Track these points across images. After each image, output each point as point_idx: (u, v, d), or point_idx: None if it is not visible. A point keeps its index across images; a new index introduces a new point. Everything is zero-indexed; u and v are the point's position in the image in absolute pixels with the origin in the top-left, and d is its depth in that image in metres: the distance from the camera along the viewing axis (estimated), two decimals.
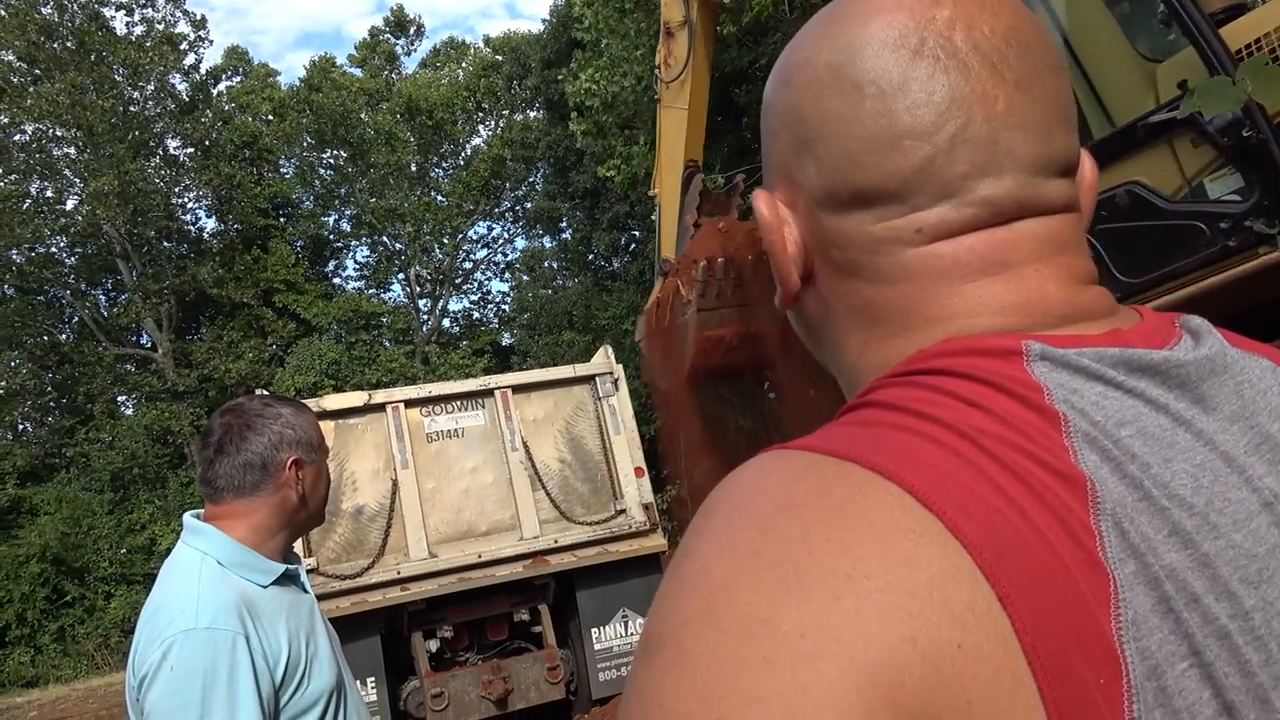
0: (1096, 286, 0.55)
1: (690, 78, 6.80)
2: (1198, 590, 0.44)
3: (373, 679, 5.72)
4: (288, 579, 1.77)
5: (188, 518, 1.77)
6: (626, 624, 6.33)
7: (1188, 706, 0.42)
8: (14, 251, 22.36)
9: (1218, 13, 4.03)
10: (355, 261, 30.11)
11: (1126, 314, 0.56)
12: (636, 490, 6.45)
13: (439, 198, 27.98)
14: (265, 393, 5.79)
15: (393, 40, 29.38)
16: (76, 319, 24.79)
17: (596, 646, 6.24)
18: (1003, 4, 0.54)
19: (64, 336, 24.62)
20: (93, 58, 21.85)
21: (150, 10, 23.95)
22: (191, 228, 26.03)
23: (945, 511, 0.43)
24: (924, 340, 0.53)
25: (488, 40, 29.50)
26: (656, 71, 7.11)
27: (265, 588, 1.70)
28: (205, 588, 1.60)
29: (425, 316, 28.25)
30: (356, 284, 29.24)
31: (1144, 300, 3.82)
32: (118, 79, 22.74)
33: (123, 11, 23.75)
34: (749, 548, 0.44)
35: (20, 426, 24.14)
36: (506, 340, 27.76)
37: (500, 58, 27.46)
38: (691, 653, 0.42)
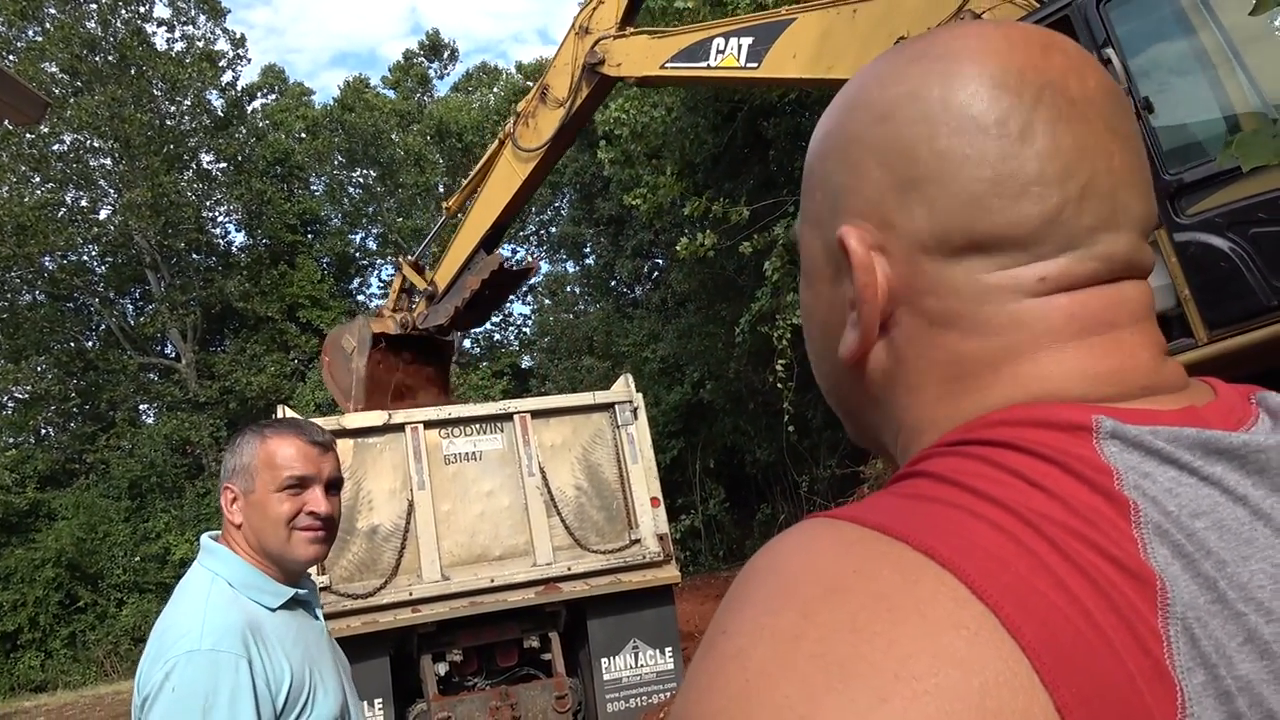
0: (1172, 359, 0.54)
1: (542, 156, 6.59)
2: (1274, 707, 0.40)
3: (380, 700, 5.70)
4: (297, 603, 1.77)
5: (204, 538, 1.78)
6: (637, 655, 6.27)
7: None
8: (47, 258, 22.73)
9: None
10: (380, 280, 30.32)
11: (1199, 389, 0.53)
12: (652, 520, 6.42)
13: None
14: (291, 414, 5.82)
15: (426, 63, 29.82)
16: (104, 327, 25.10)
17: (606, 677, 6.19)
18: (1093, 63, 0.54)
19: (90, 343, 24.94)
20: (133, 72, 22.30)
21: (191, 28, 24.48)
22: (221, 241, 26.38)
23: (1002, 607, 0.39)
24: (1006, 397, 0.50)
25: (519, 66, 29.87)
26: (510, 124, 6.84)
27: (274, 611, 1.71)
28: (212, 609, 1.60)
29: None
30: (380, 302, 29.43)
31: None
32: (156, 93, 23.18)
33: (164, 28, 24.27)
34: (790, 633, 0.41)
35: (43, 431, 24.41)
36: (526, 363, 27.82)
37: (531, 83, 27.76)
38: None
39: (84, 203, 23.59)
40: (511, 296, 6.95)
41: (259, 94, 28.34)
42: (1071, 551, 0.42)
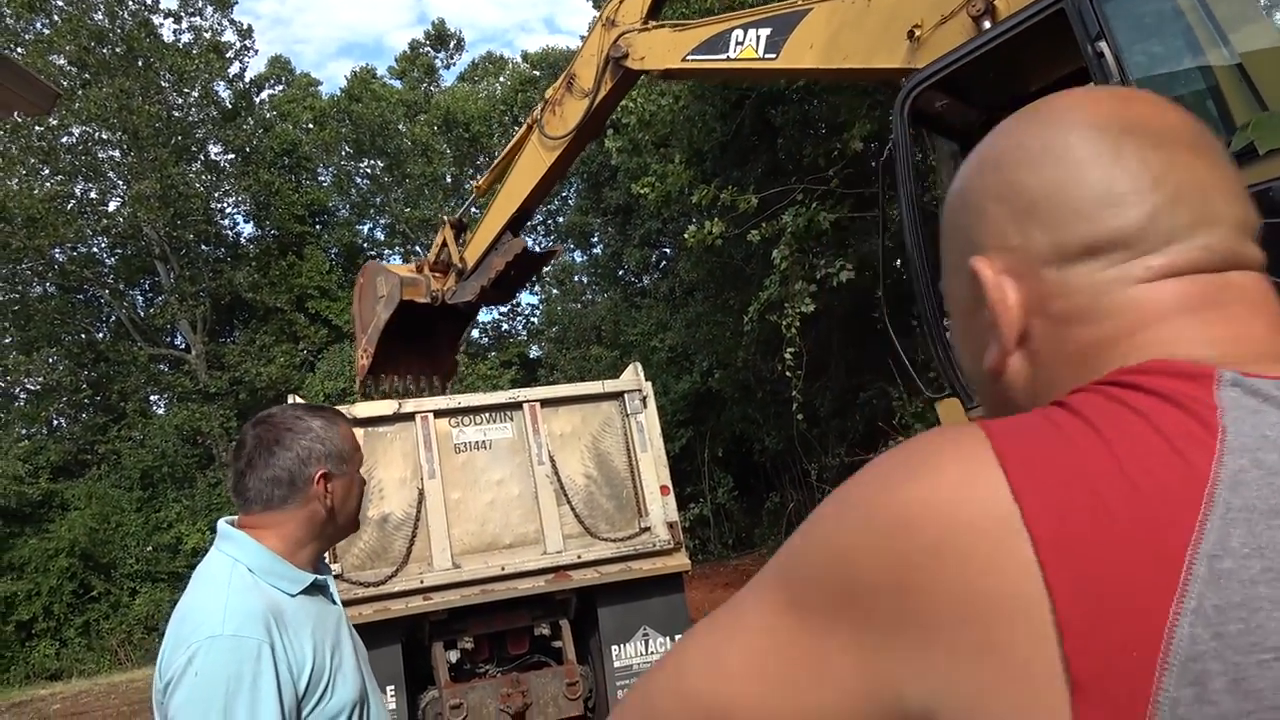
0: None
1: (567, 144, 6.63)
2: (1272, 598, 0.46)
3: (392, 688, 5.74)
4: (316, 589, 1.78)
5: (221, 523, 1.78)
6: (647, 642, 6.30)
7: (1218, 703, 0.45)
8: (57, 250, 22.82)
9: None
10: None
11: None
12: (661, 508, 6.43)
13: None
14: (299, 401, 5.85)
15: (432, 53, 29.78)
16: (114, 318, 25.21)
17: (616, 664, 6.21)
18: (1174, 107, 0.64)
19: (101, 335, 25.06)
20: (140, 64, 22.32)
21: (198, 19, 24.48)
22: (229, 232, 26.46)
23: (1022, 494, 0.51)
24: (1145, 358, 0.58)
25: (526, 55, 29.82)
26: (537, 110, 6.91)
27: (293, 597, 1.71)
28: (234, 595, 1.61)
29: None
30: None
31: None
32: (164, 85, 23.20)
33: (171, 19, 24.31)
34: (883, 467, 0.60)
35: (55, 422, 24.55)
36: (534, 353, 27.85)
37: (538, 73, 27.70)
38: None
39: (93, 194, 23.69)
40: (535, 277, 7.27)
41: (266, 85, 28.36)
42: (1134, 467, 0.50)
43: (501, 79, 29.30)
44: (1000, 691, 0.49)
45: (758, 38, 5.32)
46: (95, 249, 24.59)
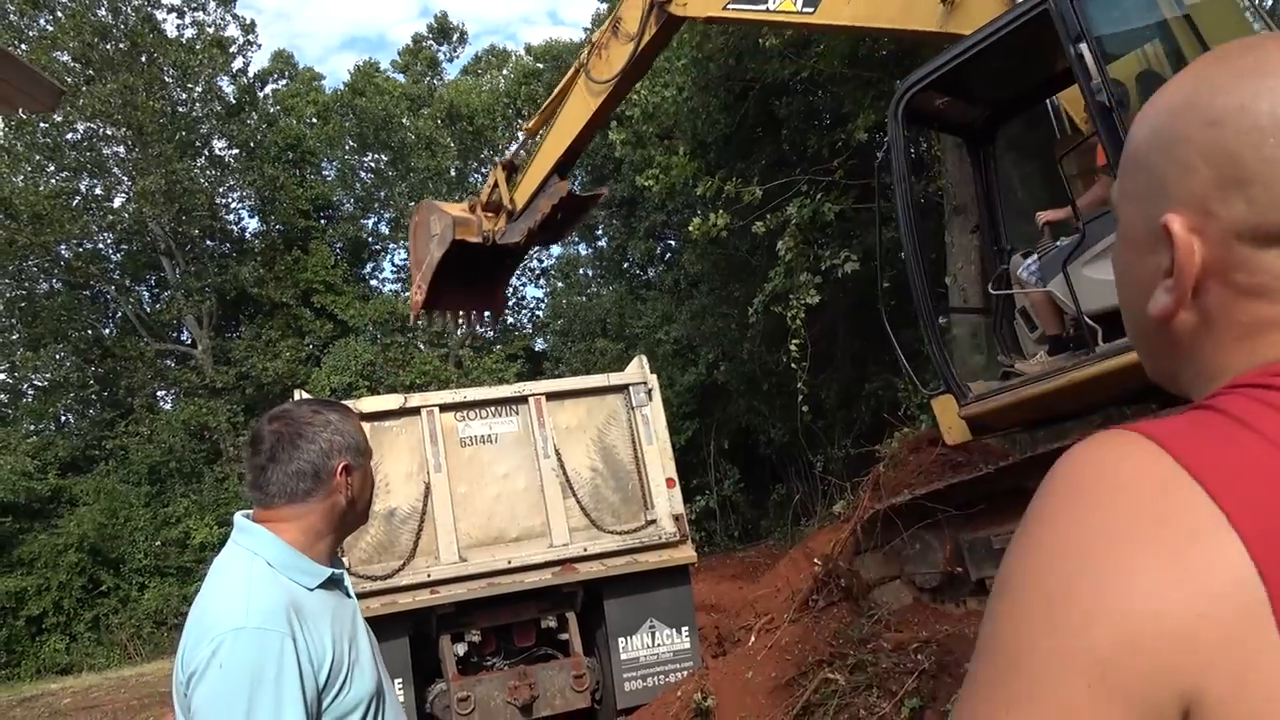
0: None
1: (612, 87, 6.69)
2: None
3: (400, 680, 5.76)
4: (332, 583, 1.80)
5: (239, 517, 1.79)
6: (654, 634, 6.31)
7: None
8: (62, 247, 22.87)
9: None
10: (393, 264, 30.36)
11: None
12: (667, 501, 6.44)
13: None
14: (307, 396, 5.86)
15: (435, 46, 29.73)
16: (120, 314, 25.27)
17: (623, 656, 6.23)
18: None
19: (107, 331, 25.13)
20: (144, 59, 22.32)
21: (201, 14, 24.46)
22: (234, 227, 26.48)
23: (1233, 514, 0.54)
24: None
25: (529, 48, 29.75)
26: (584, 54, 7.00)
27: (311, 590, 1.72)
28: (256, 588, 1.62)
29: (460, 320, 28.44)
30: (394, 286, 29.53)
31: None
32: (167, 80, 23.21)
33: (174, 14, 24.28)
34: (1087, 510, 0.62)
35: (63, 418, 24.65)
36: (540, 346, 27.86)
37: (541, 65, 27.63)
38: None
39: (98, 191, 23.72)
40: (584, 219, 7.48)
41: (270, 80, 28.34)
42: None
43: (505, 72, 29.25)
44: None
45: None
46: (101, 245, 24.65)
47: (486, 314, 8.67)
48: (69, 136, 22.42)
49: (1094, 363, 4.17)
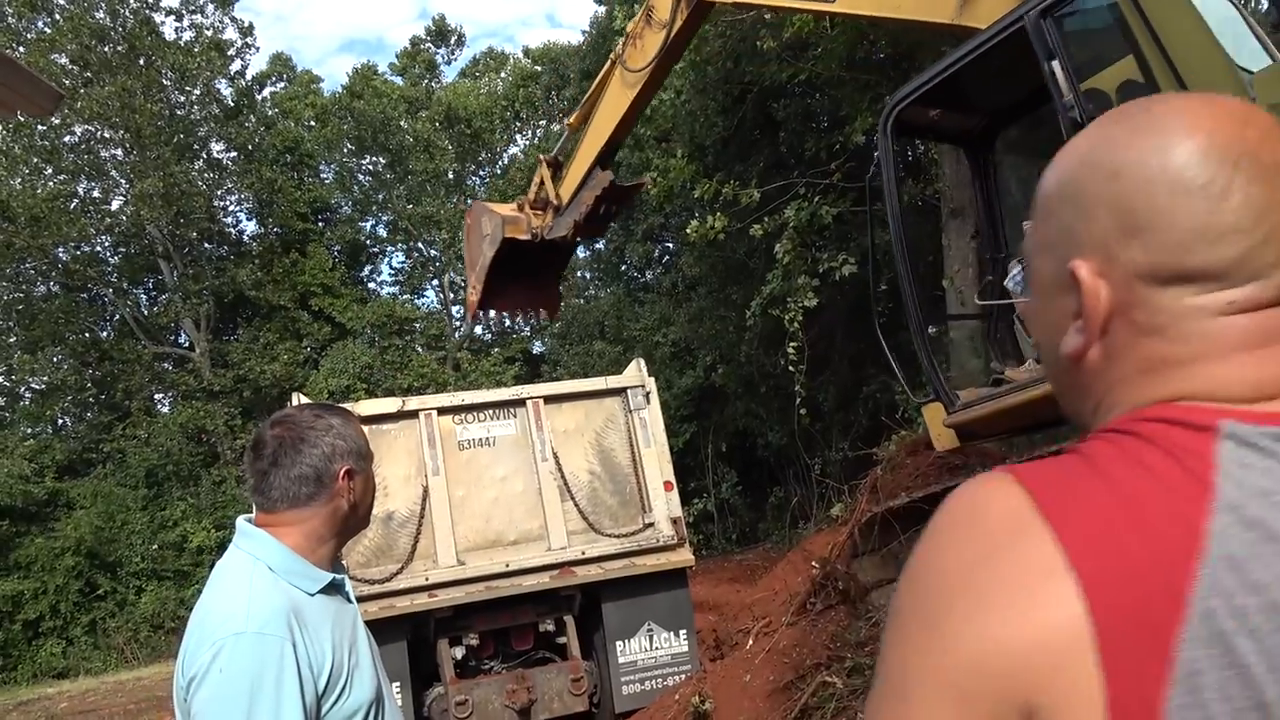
0: None
1: (648, 75, 6.80)
2: (1271, 628, 0.57)
3: (398, 684, 5.75)
4: (333, 588, 1.80)
5: (240, 521, 1.80)
6: (651, 638, 6.31)
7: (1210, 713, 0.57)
8: (60, 249, 22.85)
9: None
10: (391, 267, 30.47)
11: None
12: (665, 504, 6.44)
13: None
14: (304, 399, 5.86)
15: (433, 49, 29.74)
16: (118, 317, 25.25)
17: (621, 659, 6.23)
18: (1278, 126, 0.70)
19: (105, 334, 25.10)
20: (142, 62, 22.31)
21: (199, 17, 24.47)
22: (232, 230, 26.47)
23: (1074, 557, 0.61)
24: (1174, 388, 0.68)
25: (527, 51, 29.79)
26: (620, 45, 7.10)
27: (312, 595, 1.73)
28: (256, 592, 1.63)
29: (458, 323, 28.46)
30: (391, 289, 29.54)
31: None
32: (165, 83, 23.20)
33: (172, 17, 24.31)
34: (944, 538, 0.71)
35: (60, 421, 24.62)
36: (537, 349, 27.86)
37: (539, 68, 27.66)
38: None
39: (96, 193, 23.71)
40: (626, 209, 7.67)
41: (268, 82, 28.35)
42: (1147, 511, 0.60)
43: (503, 74, 29.28)
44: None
45: None
46: (99, 248, 24.62)
47: (542, 312, 8.73)
48: (67, 139, 22.41)
49: None
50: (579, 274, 26.23)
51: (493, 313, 8.38)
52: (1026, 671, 0.59)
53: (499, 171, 28.61)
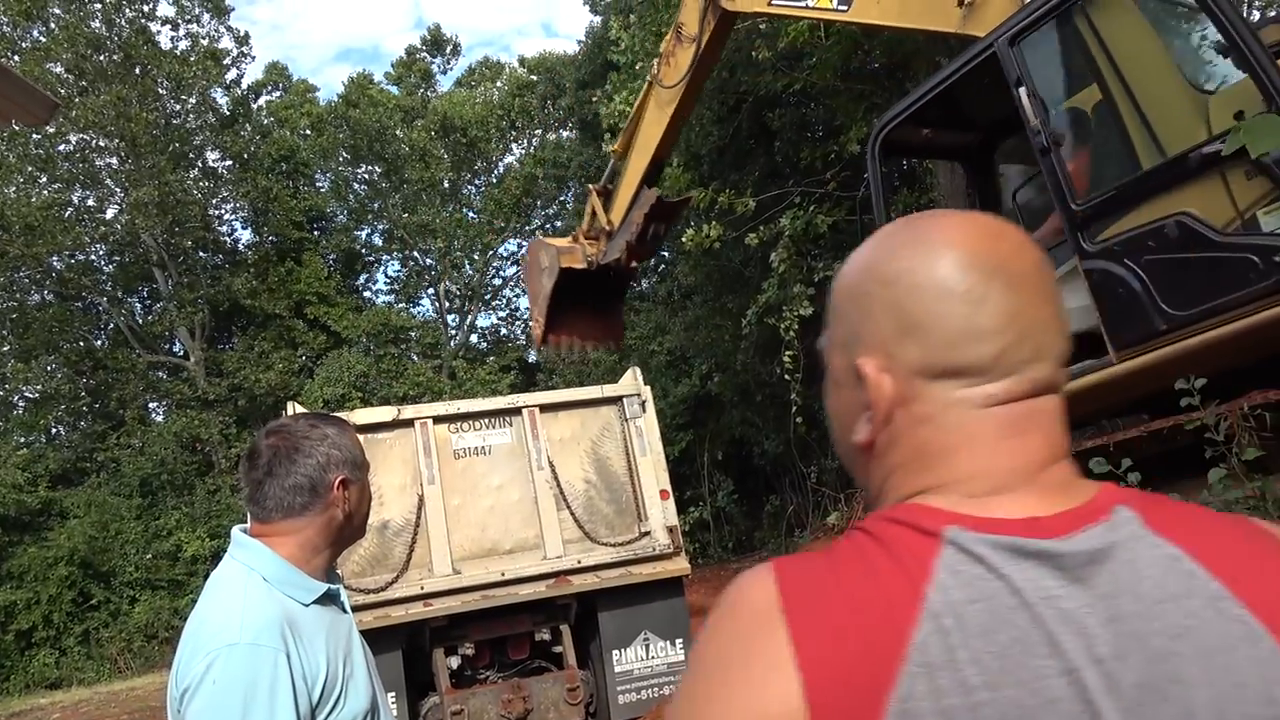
0: (1065, 460, 0.76)
1: (683, 90, 6.97)
2: None
3: (393, 694, 5.73)
4: (328, 598, 1.79)
5: (236, 531, 1.80)
6: (648, 647, 6.30)
7: None
8: (55, 258, 22.80)
9: (1273, 45, 3.96)
10: (386, 275, 30.40)
11: (1079, 488, 0.74)
12: (661, 513, 6.43)
13: (470, 214, 28.25)
14: (300, 408, 5.86)
15: (429, 58, 29.80)
16: (112, 326, 25.19)
17: (617, 669, 6.21)
18: (1030, 244, 0.78)
19: (99, 342, 25.03)
20: (137, 71, 22.31)
21: (195, 26, 24.49)
22: (227, 239, 26.45)
23: (798, 646, 0.67)
24: (929, 482, 0.75)
25: (523, 60, 29.85)
26: (655, 65, 7.32)
27: (307, 606, 1.72)
28: (250, 603, 1.62)
29: (453, 331, 28.45)
30: (387, 298, 29.54)
31: (1194, 334, 3.73)
32: (161, 92, 23.20)
33: (168, 26, 24.32)
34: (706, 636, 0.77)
35: (54, 430, 24.52)
36: (533, 357, 27.86)
37: (535, 78, 27.73)
38: None
39: (91, 202, 23.68)
40: (676, 224, 7.86)
41: (263, 91, 28.36)
42: (865, 616, 0.66)
43: (498, 84, 29.32)
44: None
45: None
46: (93, 256, 24.59)
47: (606, 339, 8.86)
48: (62, 148, 22.38)
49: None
50: None
51: (565, 346, 8.48)
52: None
53: (494, 181, 28.66)
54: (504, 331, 30.13)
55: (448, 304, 28.72)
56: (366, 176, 28.17)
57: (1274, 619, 0.65)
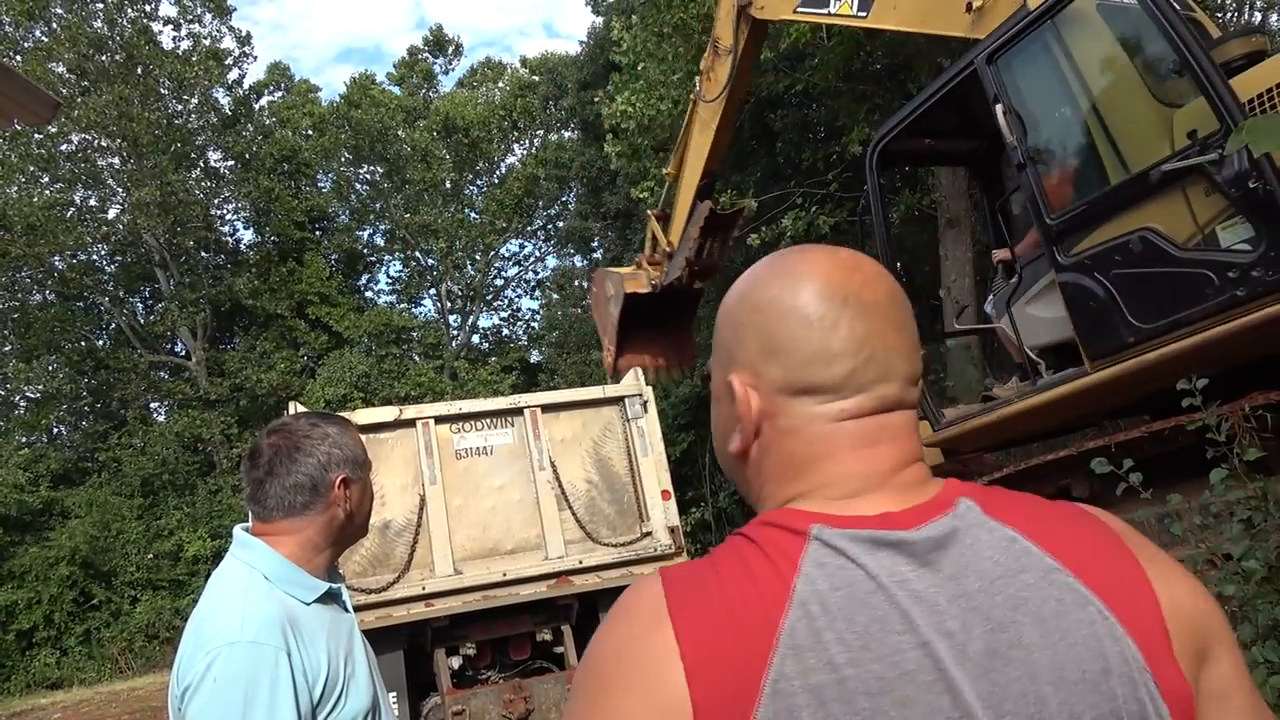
0: (917, 463, 0.85)
1: (725, 101, 7.10)
2: (829, 697, 0.70)
3: (395, 694, 5.73)
4: (330, 597, 1.79)
5: (238, 530, 1.79)
6: None
7: None
8: (56, 258, 22.82)
9: (1237, 59, 4.04)
10: (388, 276, 30.43)
11: (927, 487, 0.83)
12: (663, 513, 6.43)
13: (472, 215, 28.26)
14: (301, 408, 5.86)
15: (431, 59, 29.81)
16: (114, 325, 25.20)
17: None
18: (883, 276, 0.87)
19: (101, 342, 25.05)
20: (140, 71, 22.32)
21: (197, 26, 24.50)
22: (229, 239, 26.46)
23: (680, 633, 0.74)
24: (798, 489, 0.83)
25: (524, 61, 29.86)
26: (697, 83, 7.53)
27: (308, 605, 1.72)
28: (251, 601, 1.62)
29: (455, 332, 28.46)
30: (388, 298, 29.55)
31: (1157, 346, 3.86)
32: (163, 92, 23.21)
33: (170, 26, 24.32)
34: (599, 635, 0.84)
35: (55, 430, 24.54)
36: (535, 358, 27.87)
37: (537, 78, 27.75)
38: None
39: (93, 202, 23.69)
40: (731, 240, 7.91)
41: (265, 91, 28.36)
42: (740, 609, 0.73)
43: (500, 84, 29.33)
44: None
45: None
46: (95, 256, 24.60)
47: (678, 363, 8.90)
48: (64, 148, 22.39)
49: (1036, 393, 4.52)
50: (576, 283, 26.28)
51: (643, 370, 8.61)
52: None
53: (495, 181, 28.67)
54: (506, 332, 30.17)
55: (449, 304, 28.74)
56: (368, 177, 28.19)
57: (1098, 585, 0.76)
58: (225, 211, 25.82)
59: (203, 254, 25.23)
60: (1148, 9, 3.88)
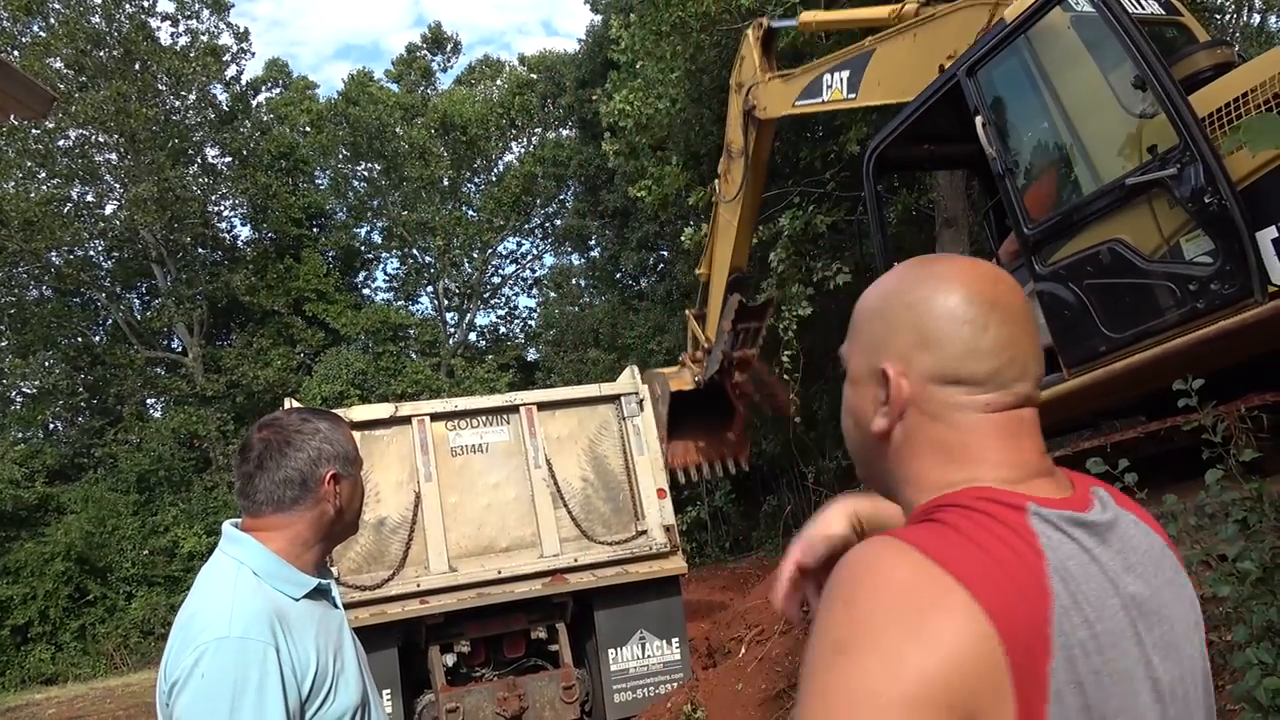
0: (1047, 455, 0.96)
1: (743, 200, 7.48)
2: (1090, 650, 0.82)
3: (389, 691, 5.73)
4: (319, 593, 1.78)
5: (227, 526, 1.78)
6: (644, 645, 6.30)
7: (1071, 704, 0.80)
8: (53, 254, 22.78)
9: (1204, 70, 4.11)
10: (385, 273, 30.33)
11: (1063, 476, 0.96)
12: (658, 512, 6.43)
13: (470, 212, 28.24)
14: (297, 404, 5.86)
15: (429, 56, 29.76)
16: (110, 321, 25.17)
17: (613, 667, 6.21)
18: (1019, 287, 0.98)
19: (97, 338, 25.01)
20: (137, 67, 22.28)
21: (195, 22, 24.46)
22: (226, 235, 26.40)
23: (976, 593, 0.79)
24: (966, 472, 0.92)
25: (523, 59, 29.82)
26: (716, 185, 7.92)
27: (297, 600, 1.71)
28: (240, 597, 1.61)
29: (452, 329, 28.45)
30: (385, 295, 29.52)
31: (1125, 356, 3.97)
32: (161, 88, 23.17)
33: (168, 22, 24.29)
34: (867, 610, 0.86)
35: (51, 425, 24.50)
36: (532, 356, 27.85)
37: (535, 76, 27.72)
38: None
39: (90, 198, 23.64)
40: (763, 330, 8.34)
41: (263, 88, 28.32)
42: (1013, 570, 0.81)
43: (498, 82, 29.29)
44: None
45: (842, 80, 6.13)
46: (92, 252, 24.55)
47: (731, 459, 9.13)
48: (61, 143, 22.35)
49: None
50: (574, 281, 26.26)
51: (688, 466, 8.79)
52: (958, 689, 0.75)
53: (493, 179, 28.64)
54: (502, 329, 30.15)
55: (446, 302, 28.72)
56: (366, 174, 28.15)
57: (1176, 554, 0.98)
58: (222, 208, 25.81)
59: (200, 250, 25.19)
60: (1108, 22, 3.92)
